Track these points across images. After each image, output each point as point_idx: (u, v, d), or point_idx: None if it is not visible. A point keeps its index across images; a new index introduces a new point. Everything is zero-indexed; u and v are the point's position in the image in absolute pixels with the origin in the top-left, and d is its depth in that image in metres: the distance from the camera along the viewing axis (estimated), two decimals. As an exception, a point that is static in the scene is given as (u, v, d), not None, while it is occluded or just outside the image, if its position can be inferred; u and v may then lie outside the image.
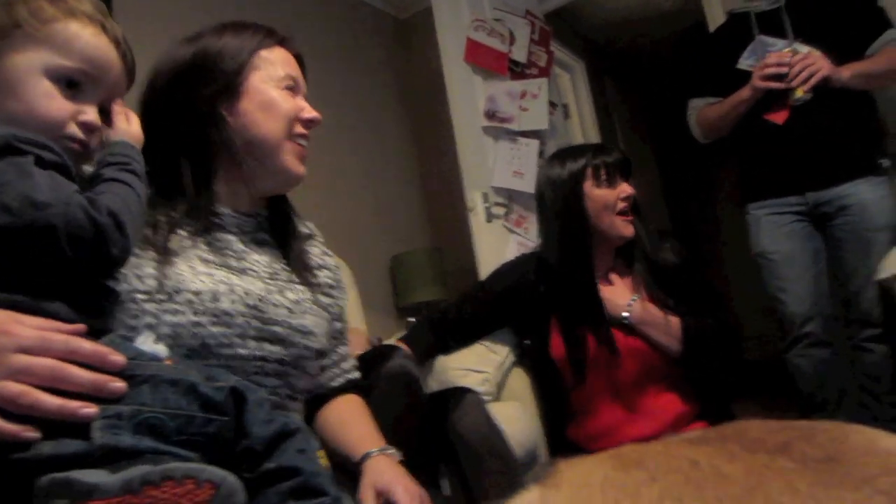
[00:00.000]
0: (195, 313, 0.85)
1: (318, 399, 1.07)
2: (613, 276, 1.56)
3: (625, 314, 1.48)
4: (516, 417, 1.57)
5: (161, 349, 0.71)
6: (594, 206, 1.51)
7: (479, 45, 2.70)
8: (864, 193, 1.89)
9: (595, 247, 1.54)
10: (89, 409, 0.60)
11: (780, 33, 2.01)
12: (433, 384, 1.61)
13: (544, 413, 1.65)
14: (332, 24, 3.13)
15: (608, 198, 1.50)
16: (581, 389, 1.51)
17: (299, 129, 1.00)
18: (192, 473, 0.59)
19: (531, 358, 1.70)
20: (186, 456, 0.63)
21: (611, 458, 0.31)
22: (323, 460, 0.74)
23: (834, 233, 1.96)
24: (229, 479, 0.62)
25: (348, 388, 1.09)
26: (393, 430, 1.07)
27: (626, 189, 1.51)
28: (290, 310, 0.94)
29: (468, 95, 2.66)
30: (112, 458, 0.59)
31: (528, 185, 2.66)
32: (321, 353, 1.02)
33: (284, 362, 0.93)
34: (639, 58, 4.97)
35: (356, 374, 1.13)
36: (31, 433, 0.58)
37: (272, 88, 0.98)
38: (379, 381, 1.12)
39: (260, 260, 0.97)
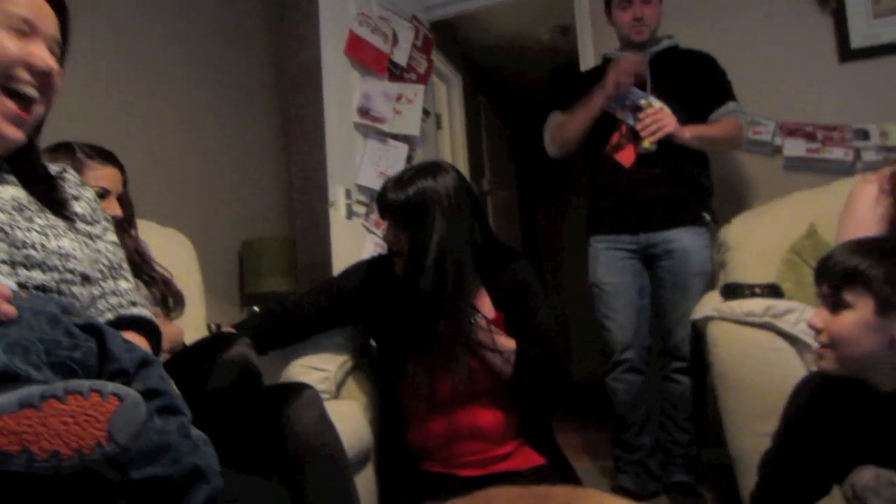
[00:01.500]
0: None
1: None
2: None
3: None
4: (352, 417, 1.57)
5: (11, 282, 0.75)
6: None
7: (360, 40, 2.68)
8: (687, 241, 2.12)
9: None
10: None
11: (640, 84, 2.19)
12: (274, 378, 1.57)
13: (380, 416, 1.66)
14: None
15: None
16: (413, 398, 1.54)
17: (22, 75, 0.89)
18: (96, 387, 0.64)
19: (372, 359, 1.71)
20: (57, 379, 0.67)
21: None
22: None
23: (658, 272, 2.18)
24: (132, 392, 0.66)
25: (122, 323, 1.00)
26: (229, 416, 1.04)
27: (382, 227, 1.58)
28: (42, 233, 0.90)
29: (344, 88, 2.63)
30: None
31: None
32: (86, 279, 0.95)
33: (47, 288, 0.87)
34: (514, 84, 5.18)
35: (132, 310, 1.02)
36: None
37: None
38: (217, 366, 1.07)
39: (4, 193, 0.91)
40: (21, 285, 0.83)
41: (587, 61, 2.87)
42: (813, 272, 1.16)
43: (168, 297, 1.58)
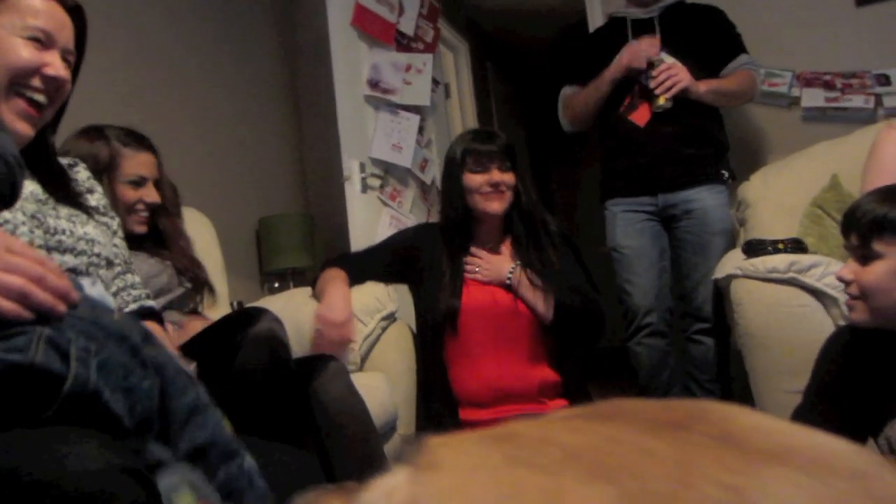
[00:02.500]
0: None
1: None
2: (503, 248, 1.75)
3: (508, 277, 1.66)
4: (378, 388, 1.59)
5: (109, 299, 0.80)
6: (466, 187, 1.70)
7: (366, 11, 2.64)
8: (706, 200, 2.09)
9: (478, 221, 1.73)
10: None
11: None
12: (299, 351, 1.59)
13: (423, 368, 1.71)
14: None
15: (474, 181, 1.69)
16: (457, 340, 1.63)
17: (34, 82, 0.96)
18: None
19: (419, 311, 1.77)
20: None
21: (503, 437, 0.27)
22: (227, 426, 0.82)
23: (678, 234, 2.15)
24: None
25: (143, 314, 1.11)
26: (258, 392, 1.05)
27: (494, 176, 1.69)
28: (69, 221, 0.97)
29: (352, 61, 2.60)
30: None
31: (405, 159, 2.66)
32: (110, 263, 1.04)
33: (78, 271, 0.94)
34: (521, 48, 5.10)
35: (149, 302, 1.15)
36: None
37: (10, 36, 0.94)
38: (245, 341, 1.09)
39: (25, 188, 0.96)
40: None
41: (595, 20, 2.81)
42: (838, 224, 1.15)
43: (204, 293, 1.60)
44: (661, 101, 2.04)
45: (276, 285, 2.85)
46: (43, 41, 0.97)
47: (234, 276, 2.33)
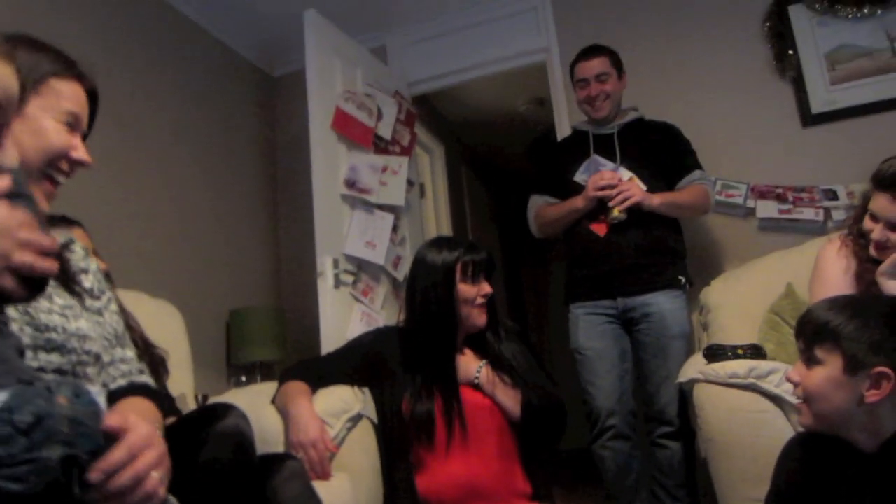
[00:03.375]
0: None
1: None
2: (465, 349, 1.76)
3: (476, 376, 1.67)
4: (342, 489, 1.55)
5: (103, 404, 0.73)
6: (459, 297, 1.70)
7: (347, 116, 2.77)
8: (663, 304, 2.16)
9: (456, 328, 1.73)
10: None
11: (610, 154, 2.29)
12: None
13: (386, 467, 1.67)
14: (204, 68, 3.06)
15: (469, 293, 1.71)
16: (428, 443, 1.61)
17: (63, 165, 0.99)
18: None
19: (382, 413, 1.73)
20: None
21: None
22: None
23: (638, 336, 2.20)
24: None
25: (132, 390, 1.03)
26: (221, 489, 1.03)
27: (485, 288, 1.73)
28: (62, 315, 0.93)
29: (331, 161, 2.70)
30: None
31: (378, 256, 2.71)
32: (98, 358, 0.99)
33: (63, 371, 0.90)
34: (494, 152, 5.32)
35: (142, 378, 1.08)
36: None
37: (49, 119, 0.97)
38: (211, 437, 1.07)
39: None
40: (39, 370, 0.86)
41: (563, 130, 2.98)
42: (793, 330, 1.20)
43: (156, 365, 1.57)
44: (616, 212, 2.15)
45: (244, 378, 2.81)
46: (72, 125, 1.00)
47: (200, 367, 2.30)
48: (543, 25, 3.19)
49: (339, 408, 1.67)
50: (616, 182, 2.15)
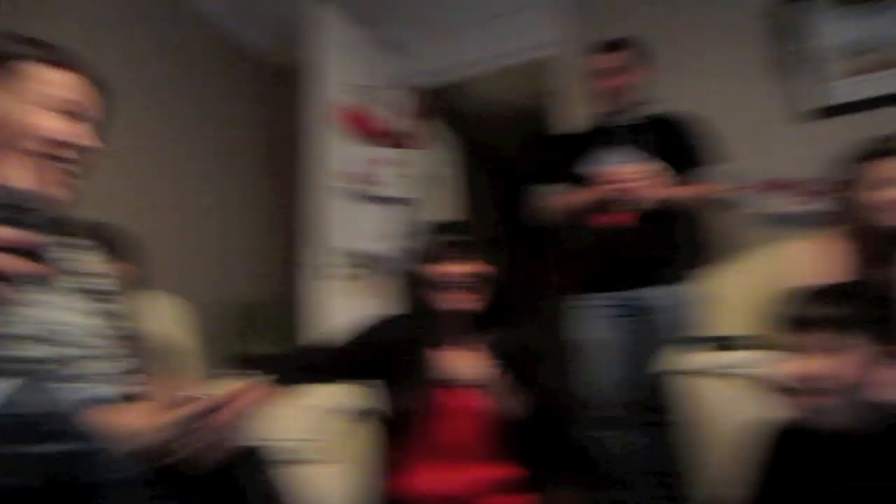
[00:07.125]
0: None
1: None
2: (466, 345, 1.63)
3: (465, 373, 1.58)
4: (332, 484, 1.57)
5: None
6: (428, 281, 1.61)
7: (355, 108, 2.78)
8: (661, 298, 2.19)
9: (442, 317, 1.62)
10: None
11: (626, 146, 2.29)
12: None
13: (374, 463, 1.64)
14: (203, 55, 3.08)
15: (434, 274, 1.61)
16: (409, 443, 1.55)
17: (67, 151, 1.01)
18: None
19: (372, 409, 1.69)
20: None
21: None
22: None
23: (637, 328, 2.23)
24: None
25: (129, 398, 1.07)
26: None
27: (450, 269, 1.59)
28: (67, 310, 0.97)
29: (331, 154, 2.71)
30: None
31: (387, 249, 2.73)
32: (97, 357, 1.02)
33: (64, 363, 0.93)
34: (505, 146, 5.30)
35: (137, 388, 1.10)
36: None
37: (37, 107, 0.99)
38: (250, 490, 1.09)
39: None
40: (38, 360, 0.89)
41: (574, 123, 2.96)
42: (781, 322, 1.22)
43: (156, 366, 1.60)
44: (636, 204, 2.14)
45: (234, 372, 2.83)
46: (75, 113, 1.02)
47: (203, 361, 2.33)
48: (555, 19, 3.17)
49: (331, 401, 1.69)
50: (633, 176, 2.14)
